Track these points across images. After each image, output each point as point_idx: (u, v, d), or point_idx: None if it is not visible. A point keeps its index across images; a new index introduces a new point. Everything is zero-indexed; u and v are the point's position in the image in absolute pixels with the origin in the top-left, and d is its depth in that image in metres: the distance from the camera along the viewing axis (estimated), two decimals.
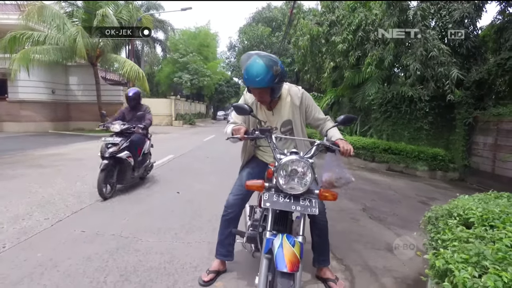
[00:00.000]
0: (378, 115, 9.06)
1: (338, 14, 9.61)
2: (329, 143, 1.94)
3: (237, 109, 2.00)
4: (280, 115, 2.26)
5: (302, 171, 1.75)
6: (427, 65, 7.64)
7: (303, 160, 1.75)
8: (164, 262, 2.63)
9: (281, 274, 1.55)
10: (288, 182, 1.75)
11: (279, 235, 1.68)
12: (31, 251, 2.79)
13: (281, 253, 1.56)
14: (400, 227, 3.71)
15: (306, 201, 1.74)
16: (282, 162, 1.75)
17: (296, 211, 1.74)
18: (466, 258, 1.22)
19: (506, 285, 1.02)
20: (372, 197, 5.21)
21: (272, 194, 1.76)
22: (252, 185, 1.83)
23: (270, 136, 1.95)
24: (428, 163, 7.77)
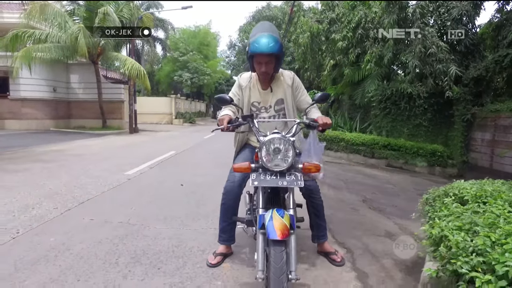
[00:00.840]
0: (377, 112, 9.17)
1: (338, 12, 9.69)
2: (308, 121, 2.07)
3: (219, 100, 2.15)
4: (274, 93, 2.40)
5: (285, 148, 1.85)
6: (425, 62, 7.74)
7: (284, 138, 1.86)
8: (172, 246, 2.73)
9: (273, 242, 1.66)
10: (272, 160, 1.85)
11: (269, 210, 1.78)
12: (44, 236, 2.89)
13: (271, 224, 1.68)
14: (399, 217, 3.81)
15: (291, 176, 1.85)
16: (264, 141, 1.86)
17: (282, 185, 1.84)
18: (459, 226, 1.33)
19: (494, 243, 1.13)
20: (371, 190, 5.32)
21: (259, 174, 1.87)
22: (239, 167, 1.94)
23: (252, 120, 2.08)
24: (427, 159, 7.87)
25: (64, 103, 16.80)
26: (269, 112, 2.42)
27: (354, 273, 2.33)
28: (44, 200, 3.98)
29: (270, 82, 2.39)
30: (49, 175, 5.49)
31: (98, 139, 12.08)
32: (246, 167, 1.91)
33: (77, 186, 4.77)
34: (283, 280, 1.58)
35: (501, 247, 1.10)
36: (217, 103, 2.23)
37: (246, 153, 2.46)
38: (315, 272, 2.33)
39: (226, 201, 2.43)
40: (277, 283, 1.56)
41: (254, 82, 2.42)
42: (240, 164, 1.95)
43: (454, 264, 1.16)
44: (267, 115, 2.43)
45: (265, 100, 2.41)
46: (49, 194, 4.26)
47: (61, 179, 5.22)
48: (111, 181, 5.11)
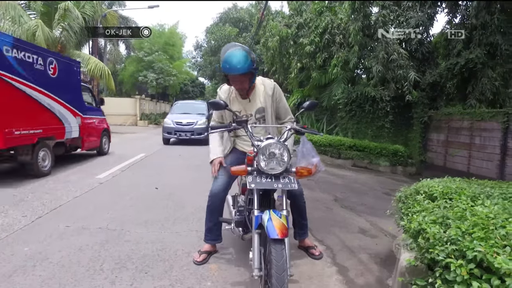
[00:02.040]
0: (343, 114, 9.60)
1: (306, 17, 10.04)
2: (299, 127, 2.23)
3: (213, 105, 2.27)
4: (255, 102, 2.51)
5: (280, 153, 1.98)
6: (388, 67, 8.26)
7: (279, 143, 2.00)
8: (156, 250, 2.74)
9: (273, 241, 1.77)
10: (268, 164, 1.98)
11: (266, 211, 1.90)
12: (17, 246, 2.76)
13: (271, 224, 1.79)
14: (369, 214, 4.08)
15: (285, 179, 1.98)
16: (261, 146, 1.98)
17: (278, 188, 1.97)
18: (434, 219, 1.52)
19: (464, 233, 1.32)
20: (341, 190, 5.60)
21: (255, 176, 1.98)
22: (236, 171, 2.04)
23: (246, 125, 2.18)
24: (389, 159, 8.37)
25: None
26: (250, 120, 2.51)
27: (335, 268, 2.50)
28: (10, 208, 3.77)
29: (249, 92, 2.48)
30: (12, 181, 5.17)
31: None
32: (243, 170, 2.02)
33: (45, 191, 4.56)
34: (285, 277, 1.69)
35: (470, 236, 1.29)
36: (212, 107, 2.32)
37: (233, 157, 2.55)
38: (299, 269, 2.46)
39: (212, 203, 2.52)
40: (279, 280, 1.66)
41: (234, 93, 2.52)
42: (238, 167, 2.05)
43: (431, 253, 1.33)
44: (249, 123, 2.50)
45: (246, 109, 2.52)
46: (13, 202, 4.04)
47: (25, 185, 4.95)
48: (82, 185, 4.93)
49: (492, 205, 1.65)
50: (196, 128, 11.17)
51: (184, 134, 11.11)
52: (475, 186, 2.24)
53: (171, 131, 11.22)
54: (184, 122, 11.28)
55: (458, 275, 1.19)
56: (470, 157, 6.96)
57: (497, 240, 1.23)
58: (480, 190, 2.05)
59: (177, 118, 11.52)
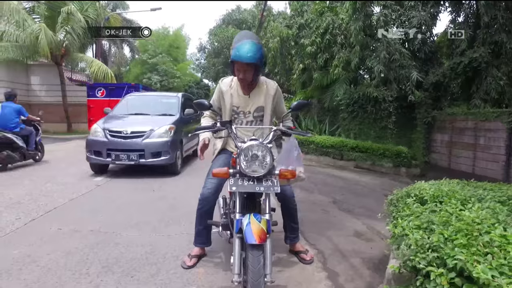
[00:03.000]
0: (345, 115, 9.50)
1: (307, 17, 9.98)
2: (285, 128, 2.18)
3: (198, 105, 2.23)
4: (255, 99, 2.48)
5: (262, 155, 1.93)
6: (390, 67, 8.16)
7: (262, 145, 1.95)
8: (145, 253, 2.70)
9: (251, 247, 1.72)
10: (250, 166, 1.92)
11: (247, 215, 1.84)
12: (6, 249, 2.76)
13: (249, 229, 1.73)
14: (367, 217, 3.98)
15: (268, 181, 1.93)
16: (243, 148, 1.93)
17: (260, 191, 1.91)
18: (418, 225, 1.46)
19: (446, 240, 1.25)
20: (341, 192, 5.51)
21: (237, 179, 1.93)
22: (218, 173, 1.98)
23: (230, 126, 2.15)
24: (392, 160, 8.25)
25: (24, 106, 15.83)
26: (248, 118, 2.50)
27: (325, 273, 2.44)
28: (5, 211, 3.78)
29: (251, 88, 2.47)
30: (10, 183, 5.20)
31: (63, 144, 11.53)
32: (224, 173, 1.96)
33: (42, 194, 4.56)
34: (261, 283, 1.64)
35: (452, 243, 1.22)
36: (197, 108, 2.29)
37: (223, 159, 2.51)
38: (288, 273, 2.41)
39: (203, 207, 2.48)
40: (255, 286, 1.62)
41: (235, 86, 2.49)
42: (219, 170, 1.99)
43: (413, 260, 1.27)
44: (245, 120, 2.51)
45: (245, 105, 2.49)
46: (9, 204, 4.04)
47: (24, 187, 4.97)
48: (79, 187, 4.93)
49: (481, 209, 1.58)
50: (149, 143, 5.71)
51: (125, 157, 5.68)
52: (468, 188, 2.16)
53: (101, 150, 5.77)
54: (126, 132, 5.81)
55: (438, 285, 1.12)
56: (475, 158, 6.83)
57: (480, 248, 1.16)
58: (472, 193, 1.97)
59: (115, 125, 6.06)
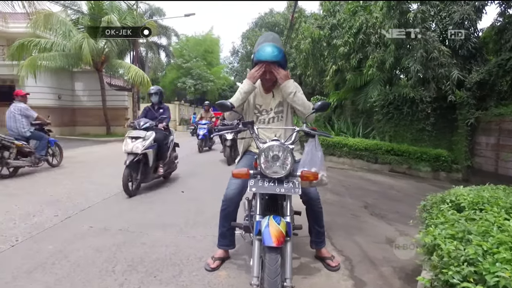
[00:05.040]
0: (380, 117, 9.14)
1: (339, 17, 9.74)
2: (308, 129, 2.08)
3: (220, 106, 2.19)
4: (275, 97, 2.50)
5: (283, 156, 1.87)
6: (427, 66, 7.73)
7: (283, 145, 1.89)
8: (169, 253, 2.72)
9: (268, 249, 1.67)
10: (270, 167, 1.87)
11: (267, 216, 1.79)
12: (43, 243, 2.90)
13: (267, 231, 1.68)
14: (401, 223, 3.76)
15: (289, 183, 1.87)
16: (263, 148, 1.88)
17: (280, 192, 1.85)
18: (452, 234, 1.31)
19: (486, 252, 1.10)
20: (374, 196, 5.27)
21: (258, 180, 1.89)
22: (238, 173, 1.95)
23: (252, 127, 2.11)
24: (431, 164, 7.80)
25: (69, 110, 16.96)
26: (270, 114, 2.51)
27: (352, 281, 2.30)
28: (46, 207, 4.00)
29: (273, 87, 2.50)
30: (52, 182, 5.52)
31: (102, 146, 12.15)
32: (244, 173, 1.93)
33: (79, 193, 4.79)
34: (278, 282, 1.57)
35: (492, 257, 1.08)
36: (219, 109, 2.28)
37: (247, 160, 2.49)
38: (312, 280, 2.30)
39: (226, 208, 2.46)
40: (271, 284, 1.55)
41: (258, 86, 2.51)
42: (239, 170, 1.97)
43: (446, 273, 1.13)
44: (268, 117, 2.52)
45: (267, 103, 2.52)
46: (50, 201, 4.27)
47: (64, 186, 5.25)
48: (113, 187, 5.11)
49: None
50: None
51: None
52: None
53: None
54: None
55: None
56: None
57: None
58: None
59: None
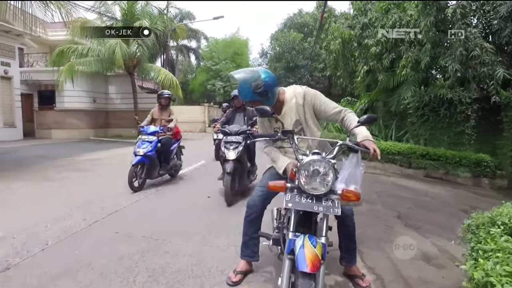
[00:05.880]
0: (414, 120, 8.67)
1: (371, 16, 9.37)
2: (352, 143, 1.88)
3: (260, 111, 2.06)
4: (288, 117, 2.30)
5: (324, 171, 1.74)
6: (468, 65, 7.22)
7: (325, 160, 1.75)
8: (191, 265, 2.65)
9: (302, 274, 1.55)
10: (310, 183, 1.75)
11: (301, 235, 1.68)
12: (71, 247, 2.97)
13: (302, 253, 1.57)
14: (438, 236, 3.48)
15: (328, 201, 1.73)
16: (304, 162, 1.76)
17: (318, 211, 1.73)
18: (510, 272, 1.11)
19: None
20: (407, 205, 4.96)
21: (295, 195, 1.77)
22: (274, 186, 1.83)
23: (292, 137, 1.97)
24: (471, 169, 7.26)
25: (103, 113, 17.70)
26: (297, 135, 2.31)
27: None
28: (76, 211, 4.10)
29: (281, 108, 2.32)
30: (84, 185, 5.71)
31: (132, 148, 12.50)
32: (281, 186, 1.82)
33: (108, 196, 4.88)
34: None
35: None
36: (258, 114, 2.18)
37: (273, 173, 2.36)
38: None
39: (250, 215, 2.38)
40: None
41: None
42: (276, 183, 1.85)
43: None
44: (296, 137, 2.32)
45: (283, 124, 2.33)
46: (81, 205, 4.38)
47: (95, 188, 5.40)
48: (140, 192, 5.18)
49: None
50: None
51: None
52: None
53: None
54: None
55: None
56: None
57: None
58: None
59: None
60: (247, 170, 4.94)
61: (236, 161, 4.47)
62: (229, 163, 4.41)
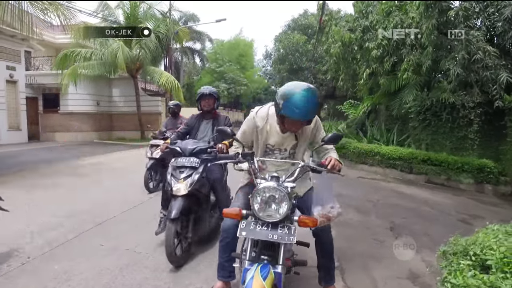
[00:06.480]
0: (416, 124, 8.52)
1: (372, 19, 9.21)
2: (314, 164, 1.84)
3: (220, 132, 2.02)
4: (291, 138, 2.20)
5: (279, 199, 1.67)
6: (470, 69, 7.05)
7: (279, 188, 1.68)
8: (170, 281, 2.60)
9: None
10: (264, 210, 1.68)
11: (254, 265, 1.61)
12: (51, 263, 2.92)
13: (250, 285, 1.52)
14: (430, 250, 3.35)
15: (284, 228, 1.67)
16: (257, 188, 1.70)
17: (272, 240, 1.65)
18: None
19: None
20: (403, 214, 4.84)
21: (250, 222, 1.71)
22: (229, 213, 1.77)
23: (251, 159, 1.90)
24: (473, 175, 7.08)
25: (106, 115, 17.82)
26: (283, 154, 2.25)
27: None
28: (66, 220, 4.08)
29: None
30: (79, 191, 5.71)
31: (135, 150, 12.51)
32: (236, 214, 1.77)
33: (101, 203, 4.87)
34: None
35: None
36: (218, 135, 2.12)
37: (245, 193, 2.26)
38: None
39: (224, 238, 2.28)
40: None
41: (272, 122, 2.19)
42: (231, 210, 1.81)
43: None
44: (280, 156, 2.25)
45: (282, 142, 2.23)
46: (72, 213, 4.35)
47: (89, 195, 5.40)
48: (134, 199, 5.12)
49: None
50: None
51: None
52: None
53: None
54: None
55: None
56: None
57: None
58: None
59: None
60: (210, 206, 3.33)
61: (189, 198, 2.91)
62: (176, 201, 2.83)
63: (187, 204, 2.88)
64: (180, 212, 2.78)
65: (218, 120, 3.63)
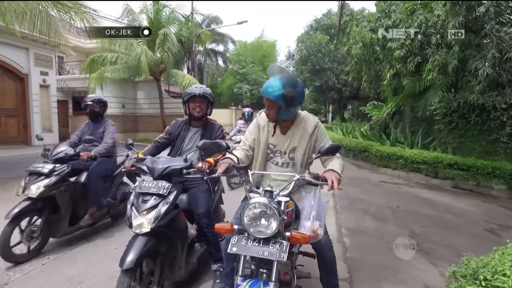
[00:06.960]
0: (442, 127, 8.14)
1: (395, 18, 8.91)
2: (310, 177, 1.80)
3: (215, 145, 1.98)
4: (290, 140, 2.21)
5: (269, 215, 1.64)
6: (502, 68, 6.66)
7: (270, 203, 1.64)
8: None
9: None
10: (255, 226, 1.65)
11: (245, 282, 1.60)
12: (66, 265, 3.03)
13: None
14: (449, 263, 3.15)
15: (276, 244, 1.62)
16: (247, 203, 1.67)
17: (263, 257, 1.61)
18: None
19: None
20: (424, 222, 4.62)
21: (242, 237, 1.68)
22: (221, 228, 1.75)
23: (246, 173, 1.89)
24: (506, 181, 6.66)
25: (131, 117, 18.37)
26: (283, 159, 2.24)
27: None
28: None
29: (288, 127, 2.22)
30: None
31: None
32: (227, 229, 1.75)
33: None
34: None
35: None
36: (214, 148, 2.04)
37: None
38: None
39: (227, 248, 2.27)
40: None
41: (270, 125, 2.24)
42: (223, 225, 1.79)
43: None
44: (281, 161, 2.25)
45: (281, 144, 2.23)
46: None
47: None
48: None
49: None
50: None
51: None
52: None
53: None
54: None
55: None
56: None
57: None
58: None
59: None
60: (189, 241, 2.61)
61: (155, 236, 2.18)
62: (136, 241, 2.11)
63: (152, 245, 2.13)
64: (140, 256, 2.04)
65: (209, 130, 2.92)
